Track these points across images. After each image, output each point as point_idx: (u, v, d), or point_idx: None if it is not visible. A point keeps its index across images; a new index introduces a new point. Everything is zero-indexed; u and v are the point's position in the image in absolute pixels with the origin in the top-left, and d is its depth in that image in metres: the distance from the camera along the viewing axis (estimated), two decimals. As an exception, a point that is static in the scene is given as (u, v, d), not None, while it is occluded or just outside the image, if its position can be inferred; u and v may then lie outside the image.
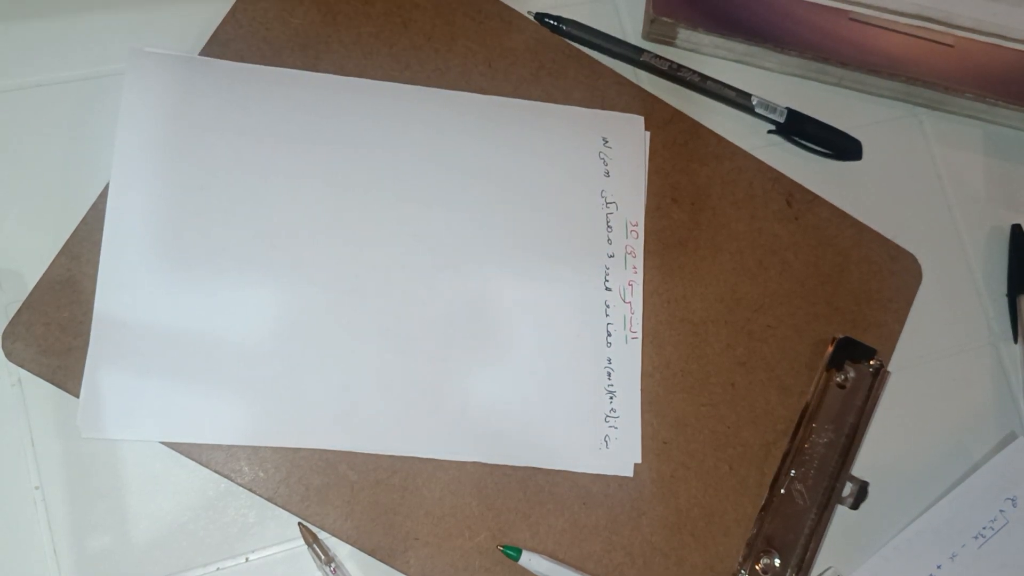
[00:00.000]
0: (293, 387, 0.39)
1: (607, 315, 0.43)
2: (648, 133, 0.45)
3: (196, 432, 0.38)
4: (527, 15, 0.45)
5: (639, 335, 0.43)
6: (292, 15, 0.43)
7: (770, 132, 0.47)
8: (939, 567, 0.43)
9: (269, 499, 0.38)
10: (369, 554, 0.39)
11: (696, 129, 0.46)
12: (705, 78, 0.46)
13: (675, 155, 0.45)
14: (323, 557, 0.38)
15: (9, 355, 0.38)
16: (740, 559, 0.42)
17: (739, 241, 0.45)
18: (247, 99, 0.41)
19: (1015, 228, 0.49)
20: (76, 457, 0.38)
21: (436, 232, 0.42)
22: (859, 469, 0.44)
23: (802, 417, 0.43)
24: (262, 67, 0.42)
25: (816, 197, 0.47)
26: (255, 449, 0.39)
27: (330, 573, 0.38)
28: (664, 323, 0.43)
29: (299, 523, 0.39)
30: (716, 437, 0.43)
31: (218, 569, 0.38)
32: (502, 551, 0.39)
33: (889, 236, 0.47)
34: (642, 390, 0.42)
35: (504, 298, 0.42)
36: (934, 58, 0.47)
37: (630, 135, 0.45)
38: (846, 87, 0.48)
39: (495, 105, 0.44)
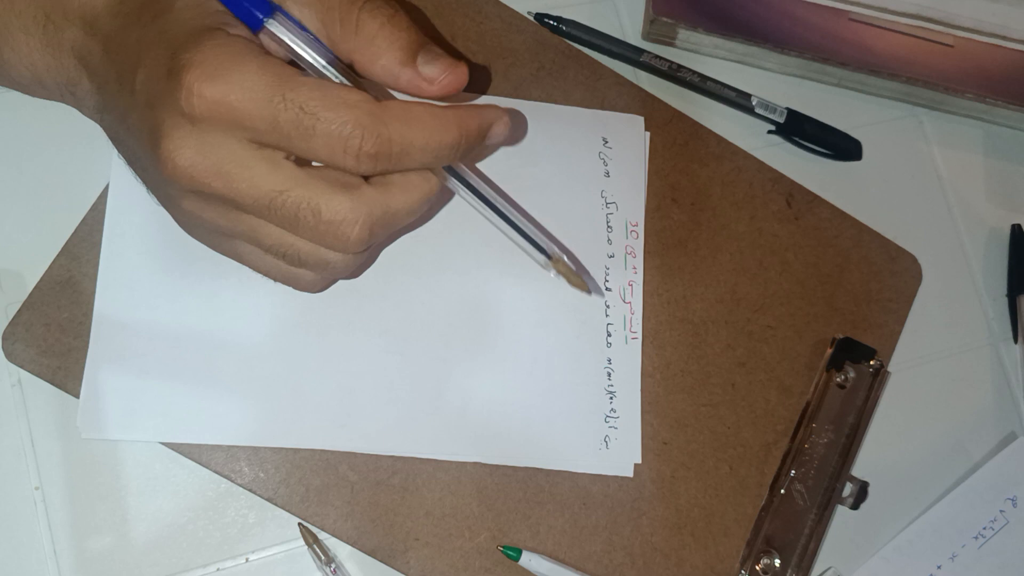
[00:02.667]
0: (293, 388, 0.39)
1: (607, 315, 0.43)
2: (648, 133, 0.45)
3: (196, 433, 0.38)
4: (527, 15, 0.45)
5: (639, 335, 0.43)
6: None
7: (770, 132, 0.47)
8: (939, 567, 0.43)
9: (269, 500, 0.38)
10: (369, 555, 0.39)
11: (696, 129, 0.46)
12: (705, 78, 0.46)
13: (675, 155, 0.45)
14: (323, 558, 0.38)
15: (9, 356, 0.38)
16: (740, 559, 0.42)
17: (739, 241, 0.45)
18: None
19: (1015, 228, 0.49)
20: (76, 457, 0.38)
21: (436, 231, 0.42)
22: (859, 469, 0.44)
23: (802, 417, 0.43)
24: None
25: (816, 197, 0.47)
26: (255, 450, 0.39)
27: (330, 574, 0.38)
28: (664, 323, 0.43)
29: (299, 524, 0.39)
30: (716, 437, 0.43)
31: (218, 570, 0.38)
32: (502, 551, 0.39)
33: (889, 236, 0.47)
34: (642, 390, 0.42)
35: (504, 298, 0.42)
36: (934, 58, 0.47)
37: (630, 135, 0.45)
38: (846, 87, 0.48)
39: (495, 105, 0.44)
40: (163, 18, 0.30)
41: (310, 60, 0.32)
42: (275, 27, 0.31)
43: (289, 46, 0.31)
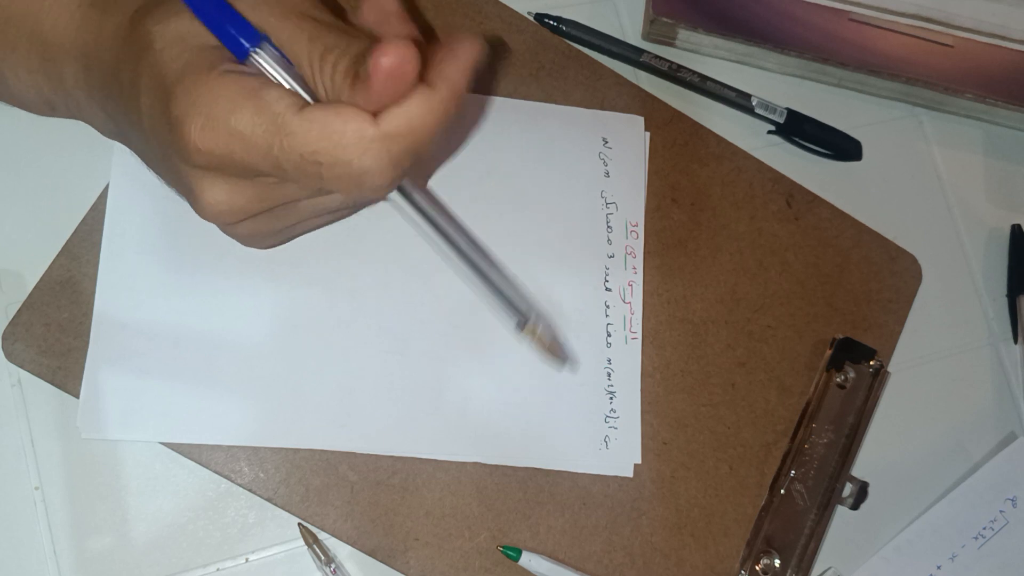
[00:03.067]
0: (293, 388, 0.39)
1: (607, 315, 0.43)
2: (648, 133, 0.45)
3: (196, 433, 0.38)
4: (527, 15, 0.45)
5: (639, 335, 0.43)
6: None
7: (770, 132, 0.47)
8: (939, 567, 0.43)
9: (269, 500, 0.38)
10: (369, 555, 0.39)
11: (696, 129, 0.46)
12: (705, 78, 0.46)
13: (675, 155, 0.45)
14: (323, 558, 0.38)
15: (9, 356, 0.38)
16: (740, 559, 0.42)
17: (739, 241, 0.45)
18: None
19: (1015, 228, 0.49)
20: (76, 457, 0.38)
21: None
22: (859, 469, 0.44)
23: (802, 417, 0.43)
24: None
25: (816, 197, 0.47)
26: (255, 450, 0.39)
27: (330, 574, 0.38)
28: (664, 323, 0.43)
29: (299, 524, 0.39)
30: (716, 437, 0.43)
31: (218, 570, 0.38)
32: (502, 551, 0.39)
33: (889, 236, 0.47)
34: (642, 390, 0.42)
35: (504, 298, 0.42)
36: (934, 58, 0.47)
37: (630, 135, 0.45)
38: (846, 87, 0.48)
39: (495, 106, 0.44)
40: (147, 57, 0.29)
41: (298, 90, 0.30)
42: (260, 57, 0.29)
43: (273, 77, 0.29)
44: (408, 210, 0.33)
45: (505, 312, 0.35)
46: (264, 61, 0.29)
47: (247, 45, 0.29)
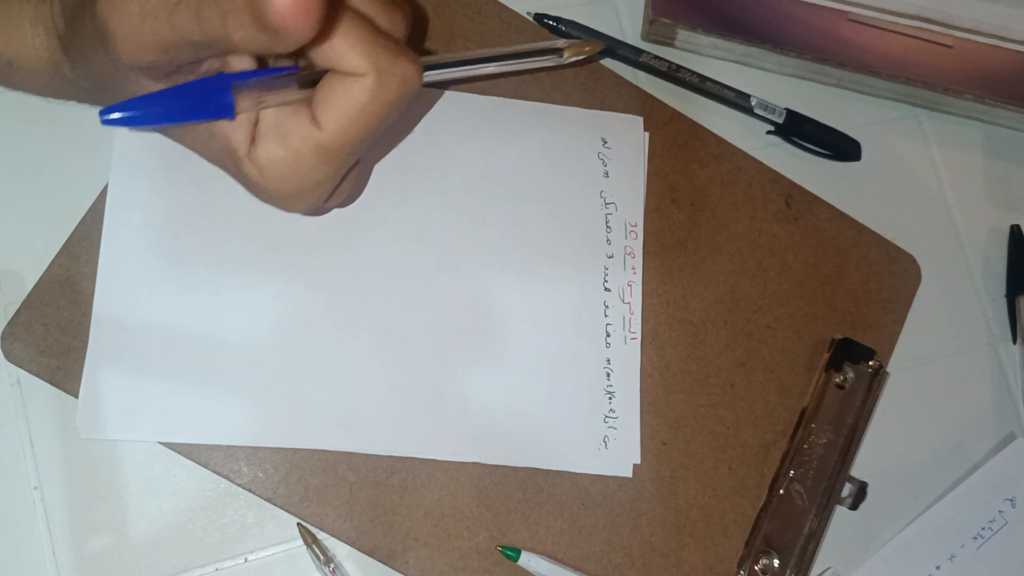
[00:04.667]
0: (292, 388, 0.39)
1: (606, 316, 0.43)
2: (647, 134, 0.45)
3: (195, 433, 0.38)
4: (526, 16, 0.45)
5: (638, 336, 0.43)
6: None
7: (769, 133, 0.47)
8: (938, 568, 0.43)
9: (268, 499, 0.38)
10: (368, 554, 0.39)
11: (695, 130, 0.46)
12: (704, 79, 0.46)
13: (674, 156, 0.45)
14: (322, 558, 0.38)
15: (8, 355, 0.38)
16: (739, 560, 0.42)
17: (738, 242, 0.45)
18: (246, 100, 0.41)
19: (1015, 228, 0.49)
20: (75, 457, 0.38)
21: (436, 233, 0.42)
22: (858, 469, 0.44)
23: (801, 418, 0.43)
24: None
25: (815, 198, 0.47)
26: (254, 449, 0.39)
27: (329, 574, 0.38)
28: (663, 324, 0.43)
29: (298, 524, 0.39)
30: (715, 438, 0.43)
31: (217, 570, 0.38)
32: (501, 551, 0.39)
33: (889, 237, 0.47)
34: (641, 391, 0.42)
35: (503, 299, 0.42)
36: (933, 59, 0.47)
37: (629, 136, 0.45)
38: (845, 88, 0.48)
39: (495, 106, 0.44)
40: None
41: (283, 96, 0.31)
42: (243, 99, 0.30)
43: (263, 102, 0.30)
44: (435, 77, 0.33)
45: (541, 59, 0.35)
46: (244, 98, 0.29)
47: (228, 105, 0.29)
